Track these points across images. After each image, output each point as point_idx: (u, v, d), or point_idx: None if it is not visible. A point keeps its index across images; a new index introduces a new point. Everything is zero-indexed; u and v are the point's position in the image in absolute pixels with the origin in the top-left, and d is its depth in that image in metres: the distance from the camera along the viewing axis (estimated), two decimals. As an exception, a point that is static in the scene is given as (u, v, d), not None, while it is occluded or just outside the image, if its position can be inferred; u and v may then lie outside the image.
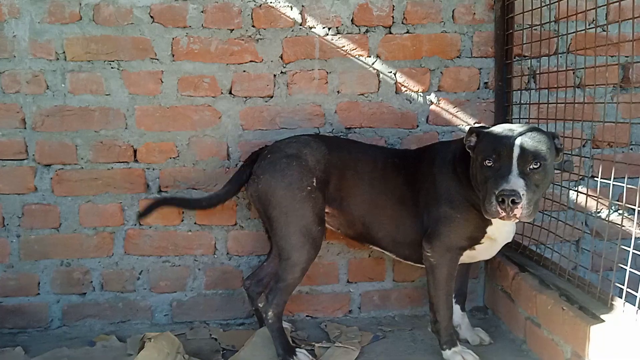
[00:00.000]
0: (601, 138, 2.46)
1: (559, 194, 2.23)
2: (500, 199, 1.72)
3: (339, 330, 2.38)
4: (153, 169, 2.39)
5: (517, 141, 1.77)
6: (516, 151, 1.76)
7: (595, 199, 2.21)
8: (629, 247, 1.67)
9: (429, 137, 2.49)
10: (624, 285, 1.67)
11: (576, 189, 2.23)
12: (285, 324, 2.29)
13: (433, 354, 2.14)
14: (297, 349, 2.09)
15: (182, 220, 2.43)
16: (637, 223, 1.70)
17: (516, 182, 1.73)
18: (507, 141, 1.79)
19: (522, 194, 1.71)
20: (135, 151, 2.38)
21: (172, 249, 2.43)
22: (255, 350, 2.12)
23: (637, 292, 1.61)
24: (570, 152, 2.20)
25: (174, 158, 2.39)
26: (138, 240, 2.42)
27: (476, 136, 1.91)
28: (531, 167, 1.76)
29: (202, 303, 2.47)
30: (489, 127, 1.94)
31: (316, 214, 2.09)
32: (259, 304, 2.16)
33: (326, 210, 2.18)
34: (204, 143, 2.39)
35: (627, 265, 1.69)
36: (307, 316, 2.54)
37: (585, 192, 2.11)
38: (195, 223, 2.43)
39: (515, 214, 1.73)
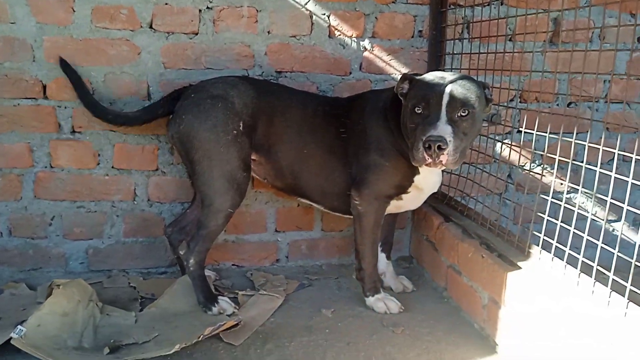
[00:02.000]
0: (529, 91, 2.49)
1: (485, 146, 2.24)
2: (427, 145, 1.70)
3: (264, 279, 2.34)
4: (65, 107, 2.21)
5: (447, 89, 1.75)
6: (445, 98, 1.74)
7: (518, 152, 2.25)
8: (554, 201, 1.69)
9: (362, 85, 2.44)
10: (542, 233, 1.71)
11: (503, 141, 2.25)
12: (208, 273, 2.24)
13: (357, 301, 2.15)
14: (220, 297, 2.04)
15: (98, 164, 2.27)
16: (556, 176, 1.73)
17: (443, 129, 1.72)
18: (437, 88, 1.76)
19: (449, 141, 1.70)
20: (44, 87, 2.18)
21: (87, 193, 2.28)
22: (176, 297, 2.05)
23: (553, 240, 1.65)
24: (498, 105, 2.21)
25: (88, 96, 2.21)
26: (49, 183, 2.25)
27: (409, 83, 1.87)
28: (459, 114, 1.75)
29: (120, 251, 2.35)
30: (421, 75, 1.90)
31: (242, 160, 2.00)
32: (180, 252, 2.09)
33: (253, 157, 2.10)
34: (121, 81, 2.22)
35: (546, 215, 1.71)
36: (233, 265, 2.48)
37: (510, 145, 2.13)
38: (112, 167, 2.28)
39: (442, 160, 1.72)
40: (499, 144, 2.32)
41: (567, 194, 1.68)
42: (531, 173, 2.02)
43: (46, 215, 2.27)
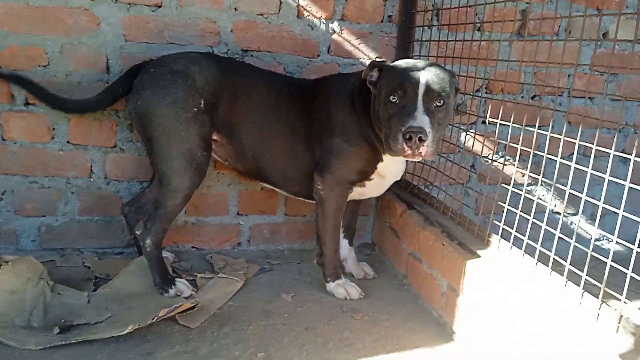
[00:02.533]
0: (495, 83, 2.50)
1: (449, 135, 2.24)
2: (407, 136, 1.67)
3: (224, 262, 2.30)
4: (19, 77, 2.10)
5: (423, 78, 1.73)
6: (422, 88, 1.72)
7: (482, 142, 2.26)
8: (514, 190, 1.70)
9: (330, 68, 2.41)
10: (501, 223, 1.72)
11: (467, 131, 2.26)
12: (166, 254, 2.19)
13: (317, 286, 2.13)
14: (177, 279, 1.99)
15: (53, 138, 2.18)
16: (518, 167, 1.74)
17: (422, 119, 1.69)
18: (412, 77, 1.73)
19: (429, 132, 1.68)
20: (-3, 55, 2.07)
21: (40, 169, 2.19)
22: (131, 278, 1.99)
23: (514, 230, 1.66)
24: (464, 94, 2.21)
25: (43, 66, 2.11)
26: (0, 157, 2.14)
27: (378, 71, 1.84)
28: (435, 104, 1.74)
29: (75, 229, 2.27)
30: (390, 62, 1.88)
31: (202, 138, 1.94)
32: (137, 232, 2.03)
33: (214, 138, 2.04)
34: (79, 52, 2.13)
35: (507, 207, 1.72)
36: (192, 247, 2.43)
37: (474, 135, 2.14)
38: (68, 142, 2.19)
39: (421, 152, 1.70)
40: (463, 134, 2.33)
41: (528, 185, 1.69)
42: (494, 163, 2.04)
43: (-4, 190, 2.18)
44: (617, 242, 1.32)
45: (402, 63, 1.85)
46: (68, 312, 1.76)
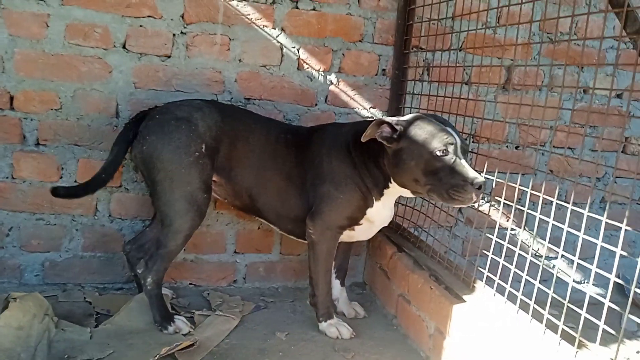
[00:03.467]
0: (481, 134, 2.65)
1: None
2: (478, 187, 1.78)
3: (221, 299, 2.38)
4: (31, 120, 2.22)
5: (456, 135, 1.87)
6: (458, 143, 1.86)
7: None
8: (497, 235, 1.82)
9: (327, 117, 2.54)
10: (486, 269, 1.83)
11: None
12: (165, 291, 2.25)
13: (310, 325, 2.21)
14: (176, 316, 2.07)
15: (61, 177, 2.28)
16: (502, 213, 1.87)
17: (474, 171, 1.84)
18: (450, 134, 1.86)
19: None
20: (12, 98, 2.18)
21: (47, 206, 2.28)
22: (132, 315, 2.07)
23: (496, 276, 1.78)
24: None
25: (55, 110, 2.23)
26: (9, 194, 2.24)
27: (390, 127, 1.90)
28: (466, 155, 1.89)
29: (77, 265, 2.35)
30: (401, 119, 1.95)
31: (203, 181, 2.05)
32: (138, 270, 2.11)
33: (214, 179, 2.15)
34: (90, 97, 2.25)
35: (491, 252, 1.84)
36: (190, 284, 2.51)
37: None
38: (75, 181, 2.29)
39: (480, 198, 1.85)
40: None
41: (512, 230, 1.81)
42: (478, 210, 2.16)
43: (4, 226, 2.26)
44: (594, 286, 1.43)
45: (418, 117, 1.94)
46: (71, 347, 1.83)
